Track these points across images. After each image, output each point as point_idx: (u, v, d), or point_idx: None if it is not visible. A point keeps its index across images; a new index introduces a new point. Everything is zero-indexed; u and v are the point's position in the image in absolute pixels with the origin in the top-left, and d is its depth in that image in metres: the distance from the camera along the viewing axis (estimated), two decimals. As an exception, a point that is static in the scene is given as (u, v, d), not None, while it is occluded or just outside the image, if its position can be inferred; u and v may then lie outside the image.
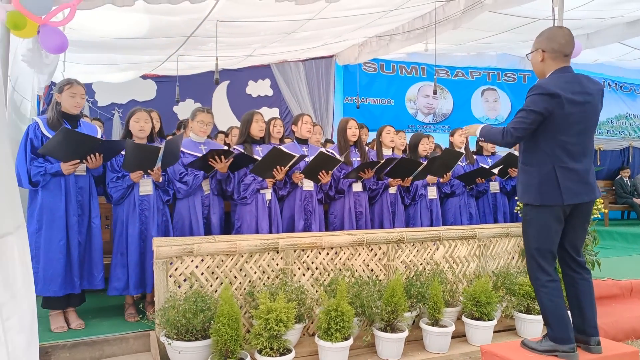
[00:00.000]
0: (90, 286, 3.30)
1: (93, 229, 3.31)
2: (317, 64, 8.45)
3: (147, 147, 3.30)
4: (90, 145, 3.15)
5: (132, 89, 7.54)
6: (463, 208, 4.72)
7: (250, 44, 5.82)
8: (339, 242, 3.34)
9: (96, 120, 5.76)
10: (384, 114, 8.96)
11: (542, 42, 2.60)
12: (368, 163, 4.05)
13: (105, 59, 5.71)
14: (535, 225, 2.56)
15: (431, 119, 9.43)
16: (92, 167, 3.23)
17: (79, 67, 5.77)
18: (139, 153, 3.27)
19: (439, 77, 9.04)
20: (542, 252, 2.54)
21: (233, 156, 3.57)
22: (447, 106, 9.50)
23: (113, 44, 4.96)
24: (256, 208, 3.80)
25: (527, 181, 2.58)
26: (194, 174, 3.62)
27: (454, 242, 3.71)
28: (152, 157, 3.33)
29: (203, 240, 3.14)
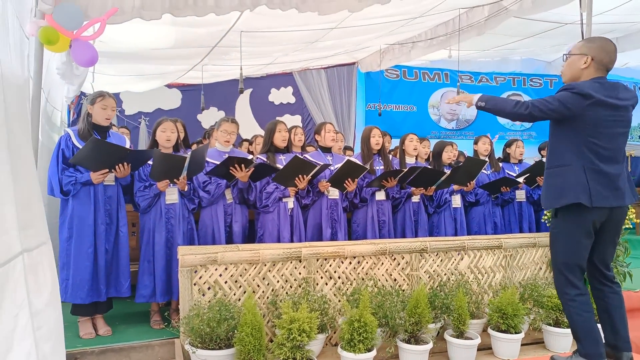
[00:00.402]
0: (117, 294, 3.36)
1: (120, 238, 3.39)
2: (339, 71, 8.48)
3: (174, 157, 3.36)
4: (119, 155, 3.23)
5: (158, 97, 7.71)
6: (488, 217, 4.65)
7: (273, 53, 5.88)
8: (362, 251, 3.32)
9: (123, 129, 5.90)
10: (407, 121, 8.92)
11: (593, 50, 2.54)
12: (391, 172, 4.03)
13: (132, 70, 5.85)
14: (564, 239, 2.49)
15: (454, 125, 9.34)
16: (120, 176, 3.31)
17: (108, 77, 5.92)
18: (166, 162, 3.33)
19: (462, 82, 8.97)
20: (571, 266, 2.48)
21: (254, 166, 3.60)
22: (471, 112, 9.39)
23: (141, 55, 5.08)
24: (278, 216, 3.82)
25: (555, 183, 2.51)
26: (217, 182, 3.67)
27: (479, 252, 3.64)
28: (178, 166, 3.39)
29: (227, 248, 3.16)
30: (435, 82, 9.20)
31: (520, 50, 8.01)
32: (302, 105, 8.54)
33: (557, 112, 2.47)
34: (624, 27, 6.19)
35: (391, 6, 3.81)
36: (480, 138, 4.85)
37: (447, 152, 4.60)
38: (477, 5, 5.27)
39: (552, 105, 2.47)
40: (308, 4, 3.19)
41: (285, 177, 3.72)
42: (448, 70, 9.12)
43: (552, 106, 2.47)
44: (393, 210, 4.33)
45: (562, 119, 2.51)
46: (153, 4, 2.91)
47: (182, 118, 5.90)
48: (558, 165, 2.53)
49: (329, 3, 3.23)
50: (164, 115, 7.59)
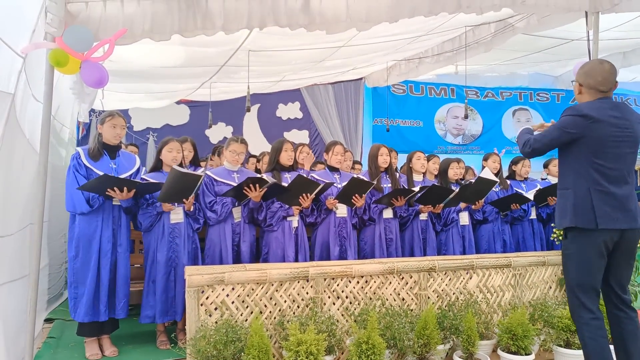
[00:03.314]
0: (112, 314, 3.35)
1: (118, 257, 3.38)
2: (346, 86, 8.50)
3: (190, 176, 3.33)
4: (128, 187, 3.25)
5: (167, 114, 7.76)
6: (497, 235, 4.59)
7: (281, 72, 5.91)
8: (369, 270, 3.29)
9: (132, 147, 5.92)
10: (413, 136, 8.90)
11: (581, 76, 2.58)
12: (401, 190, 4.00)
13: (142, 88, 5.90)
14: (576, 259, 2.45)
15: (460, 140, 9.31)
16: (120, 198, 3.31)
17: (117, 95, 5.98)
18: (180, 182, 3.32)
19: (469, 98, 8.96)
20: (584, 288, 2.43)
21: (267, 186, 3.59)
22: (477, 127, 9.36)
23: (150, 74, 5.13)
24: (282, 235, 3.80)
25: (563, 205, 2.54)
26: (222, 202, 3.65)
27: (488, 270, 3.61)
28: (191, 186, 3.39)
29: (234, 268, 3.14)
30: (441, 97, 9.19)
31: (527, 65, 8.00)
32: (310, 121, 8.56)
33: (558, 140, 2.53)
34: (631, 42, 6.17)
35: (398, 25, 3.82)
36: (491, 156, 4.82)
37: (453, 168, 4.57)
38: (483, 23, 5.28)
39: (552, 135, 2.54)
40: (316, 23, 3.21)
41: (288, 196, 3.71)
42: (454, 85, 9.11)
43: (552, 136, 2.54)
44: (400, 228, 4.30)
45: (568, 143, 2.52)
46: (162, 26, 2.93)
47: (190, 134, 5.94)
48: (565, 188, 2.56)
49: (337, 23, 3.24)
50: (173, 131, 7.66)
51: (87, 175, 3.29)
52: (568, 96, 9.49)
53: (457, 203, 4.36)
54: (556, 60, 7.35)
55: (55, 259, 4.43)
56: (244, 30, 3.11)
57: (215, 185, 3.73)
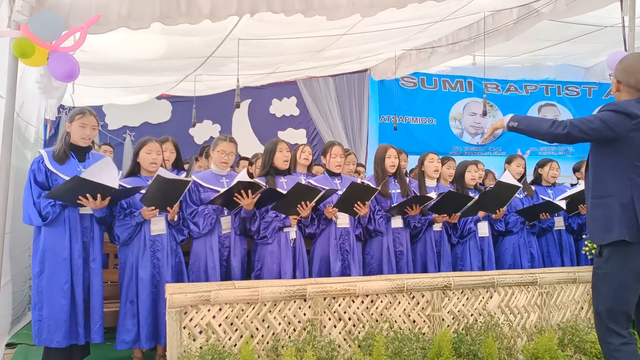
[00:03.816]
0: (86, 338, 3.33)
1: (90, 273, 3.37)
2: (349, 79, 8.51)
3: (177, 182, 3.33)
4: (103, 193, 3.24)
5: (145, 110, 7.77)
6: (522, 248, 4.58)
7: (275, 63, 5.93)
8: (376, 288, 3.29)
9: (106, 146, 5.94)
10: (425, 135, 8.91)
11: (619, 73, 2.56)
12: (417, 198, 3.99)
13: (118, 82, 5.92)
14: (610, 282, 2.44)
15: (479, 140, 9.31)
16: (93, 207, 3.29)
17: (90, 89, 5.99)
18: (166, 188, 3.32)
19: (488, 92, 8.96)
20: (615, 314, 2.42)
21: (261, 192, 3.59)
22: (499, 125, 9.37)
23: (127, 67, 5.14)
24: (279, 248, 3.79)
25: (605, 215, 2.47)
26: (203, 213, 3.65)
27: (511, 288, 3.61)
28: (177, 194, 3.39)
29: (221, 286, 3.14)
30: (457, 91, 9.20)
31: (554, 56, 8.04)
32: (307, 118, 8.57)
33: (599, 132, 2.44)
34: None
35: (408, 10, 3.84)
36: (515, 158, 4.82)
37: (471, 172, 4.57)
38: (504, 9, 5.30)
39: (594, 124, 2.45)
40: (315, 9, 3.23)
41: (285, 205, 3.71)
42: (472, 78, 9.12)
43: (594, 125, 2.45)
44: (412, 240, 4.30)
45: (605, 142, 2.49)
46: (141, 12, 2.95)
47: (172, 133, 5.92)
48: (602, 196, 2.50)
49: (338, 8, 3.26)
50: (152, 130, 7.65)
51: (50, 182, 3.28)
52: (601, 90, 9.51)
53: (476, 212, 4.36)
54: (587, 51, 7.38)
55: (19, 275, 4.42)
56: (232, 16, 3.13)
57: (200, 191, 3.73)
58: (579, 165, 5.38)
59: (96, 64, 4.83)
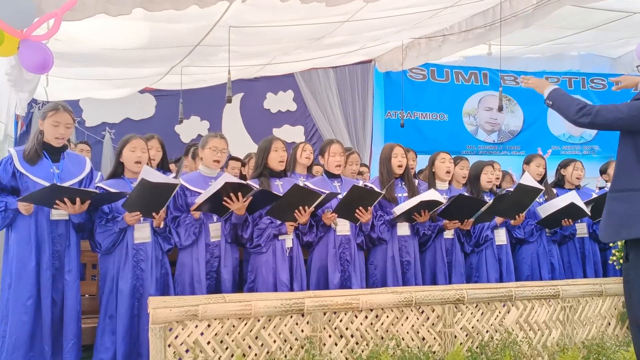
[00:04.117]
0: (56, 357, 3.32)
1: (65, 286, 3.37)
2: (351, 71, 8.52)
3: (164, 186, 3.33)
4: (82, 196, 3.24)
5: (127, 105, 7.78)
6: (542, 257, 4.58)
7: (270, 52, 5.94)
8: (381, 301, 3.30)
9: (83, 145, 5.94)
10: (436, 133, 8.92)
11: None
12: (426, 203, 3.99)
13: (96, 74, 5.92)
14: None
15: (496, 137, 9.33)
16: (70, 212, 3.29)
17: (65, 82, 6.00)
18: (152, 192, 3.32)
19: (505, 84, 8.99)
20: None
21: (253, 194, 3.59)
22: (516, 122, 9.39)
23: (106, 57, 5.14)
24: (274, 258, 3.79)
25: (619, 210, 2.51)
26: (185, 222, 3.65)
27: (530, 302, 3.62)
28: (164, 198, 3.39)
29: (210, 299, 3.14)
30: (471, 84, 9.21)
31: (577, 45, 8.04)
32: (306, 114, 8.57)
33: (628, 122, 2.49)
34: None
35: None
36: (534, 158, 4.83)
37: (487, 173, 4.57)
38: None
39: (623, 113, 2.48)
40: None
41: (282, 210, 3.70)
42: (487, 69, 9.14)
43: (623, 115, 2.48)
44: (420, 249, 4.30)
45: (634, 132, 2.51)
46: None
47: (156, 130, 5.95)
48: (625, 189, 2.52)
49: (338, -8, 3.27)
50: (135, 127, 7.65)
51: (20, 184, 3.30)
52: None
53: (492, 217, 4.36)
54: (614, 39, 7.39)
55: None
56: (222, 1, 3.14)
57: (187, 195, 3.72)
58: (606, 166, 5.36)
59: (72, 54, 4.83)
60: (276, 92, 8.57)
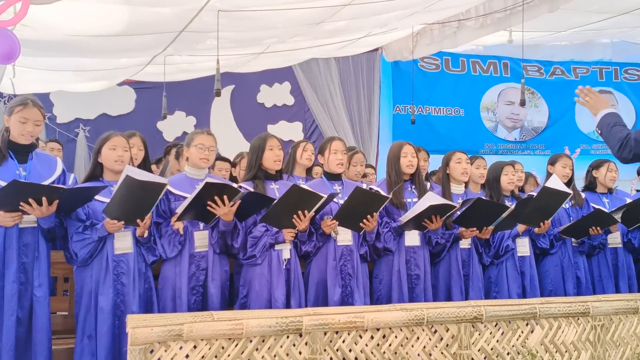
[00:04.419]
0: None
1: (35, 303, 3.35)
2: (355, 61, 8.55)
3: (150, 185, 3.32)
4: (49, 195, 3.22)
5: (103, 99, 7.82)
6: (567, 270, 4.59)
7: (264, 39, 5.94)
8: (389, 320, 3.29)
9: (53, 143, 5.94)
10: (451, 130, 8.95)
11: None
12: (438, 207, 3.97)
13: (69, 64, 5.93)
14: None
15: (517, 135, 9.35)
16: (38, 215, 3.26)
17: (34, 73, 6.01)
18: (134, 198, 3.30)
19: (528, 76, 9.02)
20: None
21: (241, 196, 3.58)
22: (540, 117, 9.41)
23: (80, 45, 5.14)
24: (269, 271, 3.78)
25: None
26: (168, 233, 3.64)
27: (557, 320, 3.60)
28: (150, 199, 3.37)
29: (196, 317, 3.13)
30: (490, 75, 9.25)
31: (609, 32, 8.05)
32: (304, 109, 8.60)
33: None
34: None
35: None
36: (560, 158, 4.83)
37: (508, 175, 4.58)
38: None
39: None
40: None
41: (279, 215, 3.69)
42: (508, 58, 9.17)
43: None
44: (433, 260, 4.30)
45: None
46: (97, -23, 2.96)
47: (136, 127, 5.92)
48: None
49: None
50: (112, 123, 7.66)
51: None
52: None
53: (514, 225, 4.36)
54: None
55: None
56: (211, -17, 3.14)
57: (171, 200, 3.72)
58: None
59: (42, 41, 4.83)
60: (271, 84, 8.60)
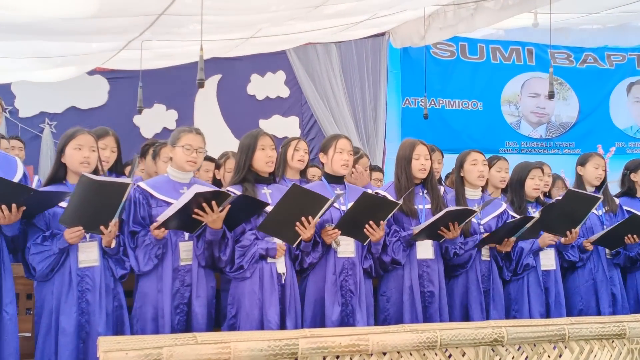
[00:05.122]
0: None
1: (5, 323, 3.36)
2: (359, 46, 8.55)
3: (111, 185, 3.33)
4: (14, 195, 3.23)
5: (72, 90, 7.81)
6: (601, 286, 4.60)
7: (255, 23, 5.94)
8: (397, 342, 3.27)
9: (15, 141, 5.94)
10: (467, 125, 8.96)
11: None
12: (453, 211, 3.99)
13: (32, 50, 5.92)
14: None
15: (543, 132, 9.36)
16: (3, 222, 3.28)
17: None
18: (95, 196, 3.31)
19: (556, 64, 9.02)
20: None
21: (231, 200, 3.59)
22: (570, 112, 9.42)
23: (44, 28, 5.13)
24: (260, 286, 3.78)
25: None
26: (145, 243, 3.63)
27: (589, 343, 3.59)
28: (112, 204, 3.37)
29: (178, 340, 3.12)
30: (512, 63, 9.25)
31: (648, 14, 8.06)
32: (301, 101, 8.60)
33: None
34: None
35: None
36: (591, 157, 4.84)
37: (534, 178, 4.59)
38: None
39: None
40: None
41: (278, 222, 3.69)
42: (533, 44, 9.17)
43: None
44: (448, 275, 4.31)
45: None
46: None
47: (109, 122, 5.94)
48: None
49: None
50: (82, 117, 7.68)
51: None
52: None
53: (537, 234, 4.38)
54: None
55: None
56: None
57: (152, 206, 3.72)
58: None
59: (0, 24, 4.84)
60: (263, 74, 8.59)
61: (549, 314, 4.45)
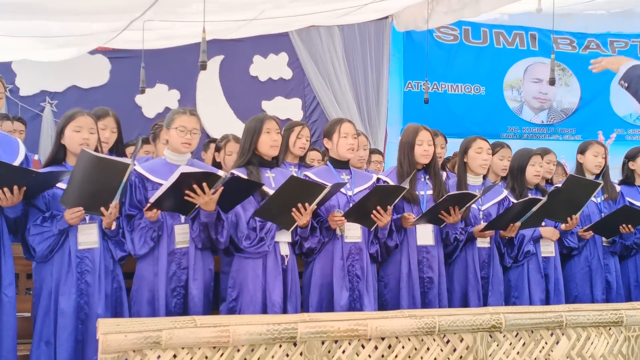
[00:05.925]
0: None
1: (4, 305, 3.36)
2: (362, 30, 8.52)
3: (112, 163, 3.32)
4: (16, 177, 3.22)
5: (73, 69, 7.76)
6: (596, 273, 4.62)
7: (258, 4, 5.90)
8: (395, 328, 3.29)
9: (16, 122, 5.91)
10: (469, 110, 8.95)
11: None
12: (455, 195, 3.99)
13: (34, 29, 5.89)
14: None
15: (545, 117, 9.34)
16: (6, 205, 3.28)
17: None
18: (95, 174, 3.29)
19: (559, 50, 8.99)
20: None
21: (223, 182, 3.57)
22: (571, 98, 9.40)
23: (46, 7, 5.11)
24: (264, 270, 3.79)
25: None
26: (140, 226, 3.62)
27: (586, 330, 3.62)
28: (112, 184, 3.35)
29: (177, 323, 3.13)
30: (515, 48, 9.21)
31: (653, -1, 8.02)
32: (304, 83, 8.57)
33: None
34: None
35: None
36: (591, 145, 4.83)
37: (535, 165, 4.58)
38: None
39: None
40: None
41: (274, 209, 3.70)
42: (536, 29, 9.14)
43: None
44: (447, 260, 4.31)
45: None
46: None
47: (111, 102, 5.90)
48: None
49: None
50: (83, 97, 7.64)
51: None
52: None
53: (540, 222, 4.38)
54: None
55: None
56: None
57: (148, 189, 3.70)
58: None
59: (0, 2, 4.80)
60: (266, 55, 8.56)
61: (548, 301, 4.46)
